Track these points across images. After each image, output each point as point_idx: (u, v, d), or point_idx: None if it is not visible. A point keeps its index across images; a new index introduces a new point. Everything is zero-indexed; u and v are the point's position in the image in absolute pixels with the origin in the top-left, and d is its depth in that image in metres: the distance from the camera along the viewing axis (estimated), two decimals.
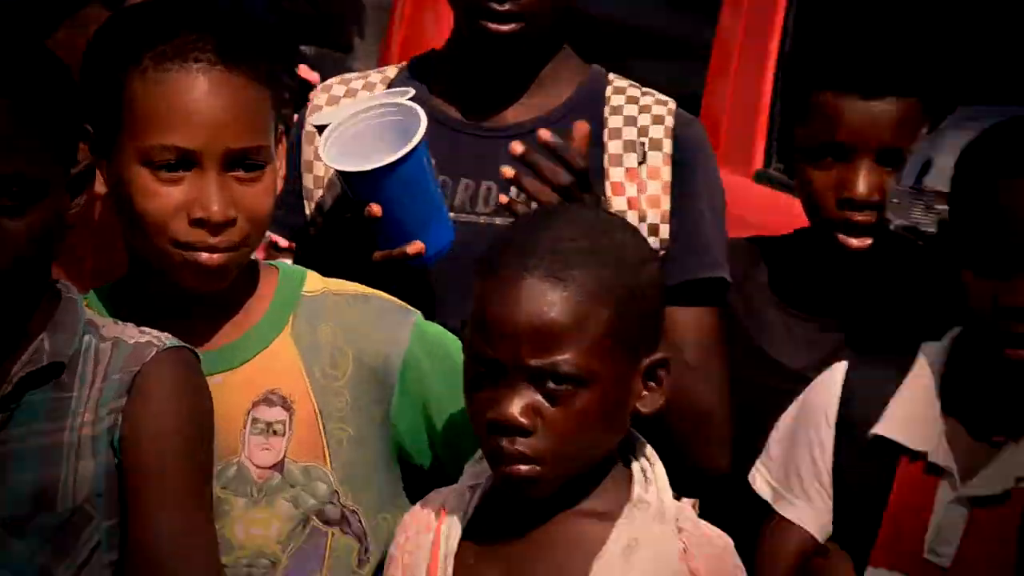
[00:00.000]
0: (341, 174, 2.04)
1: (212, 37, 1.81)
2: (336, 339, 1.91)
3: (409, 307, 1.96)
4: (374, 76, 2.29)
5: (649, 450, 1.83)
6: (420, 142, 2.00)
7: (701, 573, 1.75)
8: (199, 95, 1.79)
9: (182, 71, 1.79)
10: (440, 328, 1.97)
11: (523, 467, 1.74)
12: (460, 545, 1.80)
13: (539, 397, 1.73)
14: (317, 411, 1.89)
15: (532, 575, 1.78)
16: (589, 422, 1.75)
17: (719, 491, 2.21)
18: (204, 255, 1.80)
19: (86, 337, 1.76)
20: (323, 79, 2.93)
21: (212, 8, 1.86)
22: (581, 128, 2.04)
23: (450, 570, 1.78)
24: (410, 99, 2.06)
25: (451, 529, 1.81)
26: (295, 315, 1.91)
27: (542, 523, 1.79)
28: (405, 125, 2.02)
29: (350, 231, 2.07)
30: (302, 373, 1.90)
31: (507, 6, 2.09)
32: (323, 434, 1.90)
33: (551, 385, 1.72)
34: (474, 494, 1.83)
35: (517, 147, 2.02)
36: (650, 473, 1.81)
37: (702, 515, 1.90)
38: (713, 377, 2.18)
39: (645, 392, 1.79)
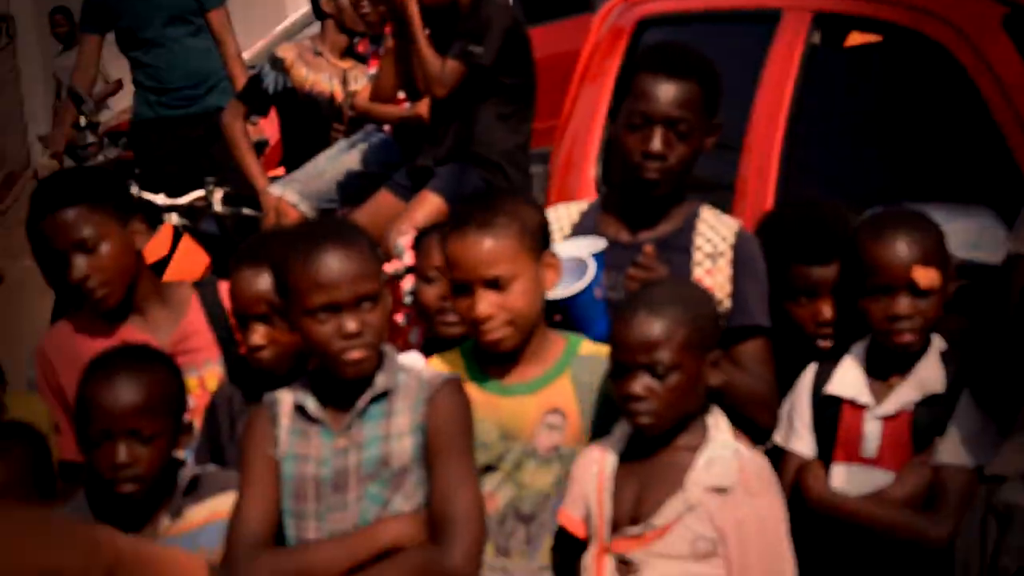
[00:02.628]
0: None
1: None
2: (596, 378, 3.02)
3: None
4: (573, 207, 3.51)
5: (717, 410, 2.93)
6: (587, 285, 3.16)
7: (750, 476, 2.84)
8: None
9: None
10: None
11: (644, 420, 2.85)
12: (615, 468, 2.91)
13: (652, 380, 2.84)
14: (580, 417, 3.03)
15: (654, 480, 2.87)
16: (680, 394, 2.85)
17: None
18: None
19: (400, 375, 2.87)
20: None
21: None
22: (648, 249, 3.25)
23: (609, 478, 2.91)
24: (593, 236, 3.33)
25: (609, 459, 2.94)
26: (573, 364, 3.05)
27: (658, 451, 2.89)
28: (583, 265, 3.20)
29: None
30: (574, 397, 3.03)
31: (658, 166, 3.25)
32: (584, 429, 3.02)
33: (658, 372, 2.84)
34: (621, 439, 2.94)
35: (648, 249, 3.25)
36: (719, 423, 2.91)
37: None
38: (767, 374, 3.29)
39: (712, 372, 2.89)
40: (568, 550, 3.01)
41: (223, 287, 3.40)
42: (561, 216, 3.48)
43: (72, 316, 3.46)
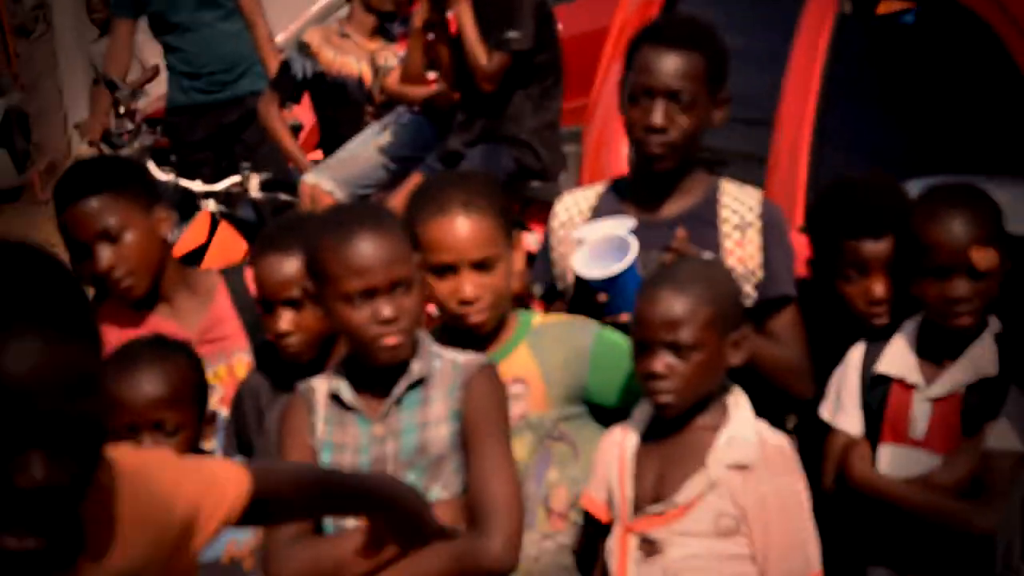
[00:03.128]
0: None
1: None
2: (553, 344, 3.06)
3: (593, 321, 3.11)
4: (589, 191, 3.49)
5: (738, 389, 2.92)
6: (631, 262, 3.10)
7: (771, 454, 2.84)
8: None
9: None
10: (614, 332, 3.09)
11: (663, 398, 2.85)
12: (636, 449, 2.93)
13: (673, 358, 2.83)
14: (544, 385, 3.03)
15: (675, 460, 2.88)
16: (701, 373, 2.85)
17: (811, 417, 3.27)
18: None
19: (435, 361, 2.85)
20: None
21: None
22: (680, 232, 3.20)
23: (630, 460, 2.93)
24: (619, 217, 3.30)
25: (629, 440, 2.96)
26: (529, 335, 3.08)
27: (678, 431, 2.89)
28: (622, 243, 3.17)
29: (588, 300, 3.20)
30: (535, 365, 3.05)
31: (661, 140, 3.24)
32: (548, 396, 3.04)
33: (679, 350, 2.83)
34: (641, 421, 2.95)
35: (681, 232, 3.20)
36: (739, 402, 2.91)
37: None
38: (799, 343, 3.27)
39: (733, 353, 2.88)
40: (593, 534, 3.00)
41: (250, 274, 3.39)
42: (578, 201, 3.48)
43: (100, 306, 3.46)
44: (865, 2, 4.03)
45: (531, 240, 4.42)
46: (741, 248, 3.28)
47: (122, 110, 7.22)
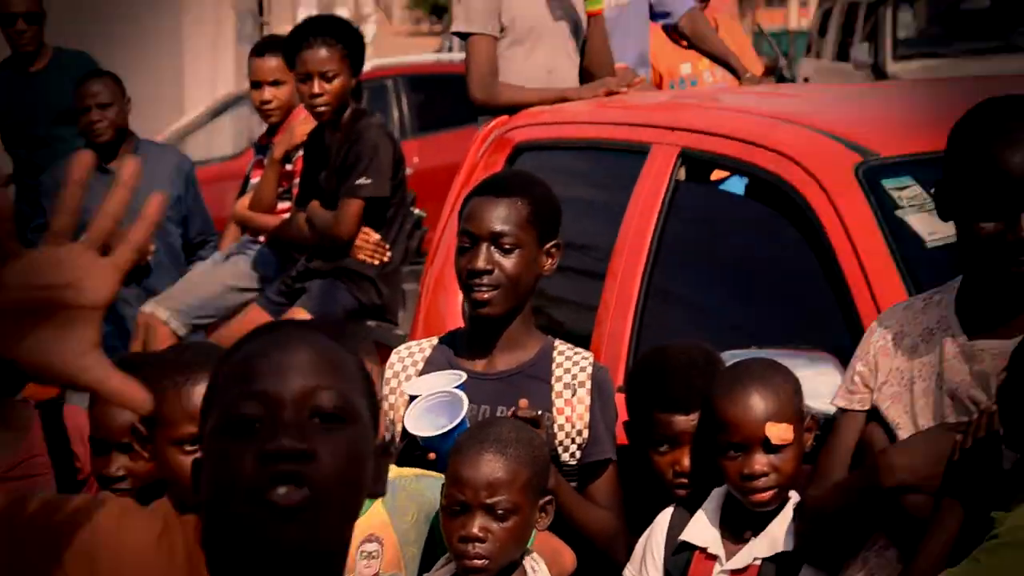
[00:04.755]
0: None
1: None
2: (406, 501, 3.00)
3: (440, 476, 3.00)
4: (424, 343, 3.50)
5: (536, 555, 2.96)
6: (462, 420, 3.11)
7: None
8: None
9: None
10: None
11: (479, 562, 2.84)
12: None
13: (491, 521, 2.83)
14: (397, 543, 2.98)
15: None
16: (515, 537, 2.87)
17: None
18: None
19: None
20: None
21: None
22: (523, 402, 3.22)
23: None
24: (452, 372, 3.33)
25: None
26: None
27: None
28: (453, 399, 3.19)
29: (418, 457, 3.20)
30: (389, 523, 2.98)
31: (485, 283, 3.29)
32: (401, 555, 2.99)
33: (498, 513, 2.85)
34: None
35: (524, 402, 3.22)
36: (536, 568, 2.94)
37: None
38: (616, 507, 3.36)
39: (540, 517, 2.93)
40: None
41: (68, 411, 3.33)
42: (412, 352, 3.50)
43: None
44: (699, 169, 4.16)
45: None
46: (570, 407, 3.33)
47: None
